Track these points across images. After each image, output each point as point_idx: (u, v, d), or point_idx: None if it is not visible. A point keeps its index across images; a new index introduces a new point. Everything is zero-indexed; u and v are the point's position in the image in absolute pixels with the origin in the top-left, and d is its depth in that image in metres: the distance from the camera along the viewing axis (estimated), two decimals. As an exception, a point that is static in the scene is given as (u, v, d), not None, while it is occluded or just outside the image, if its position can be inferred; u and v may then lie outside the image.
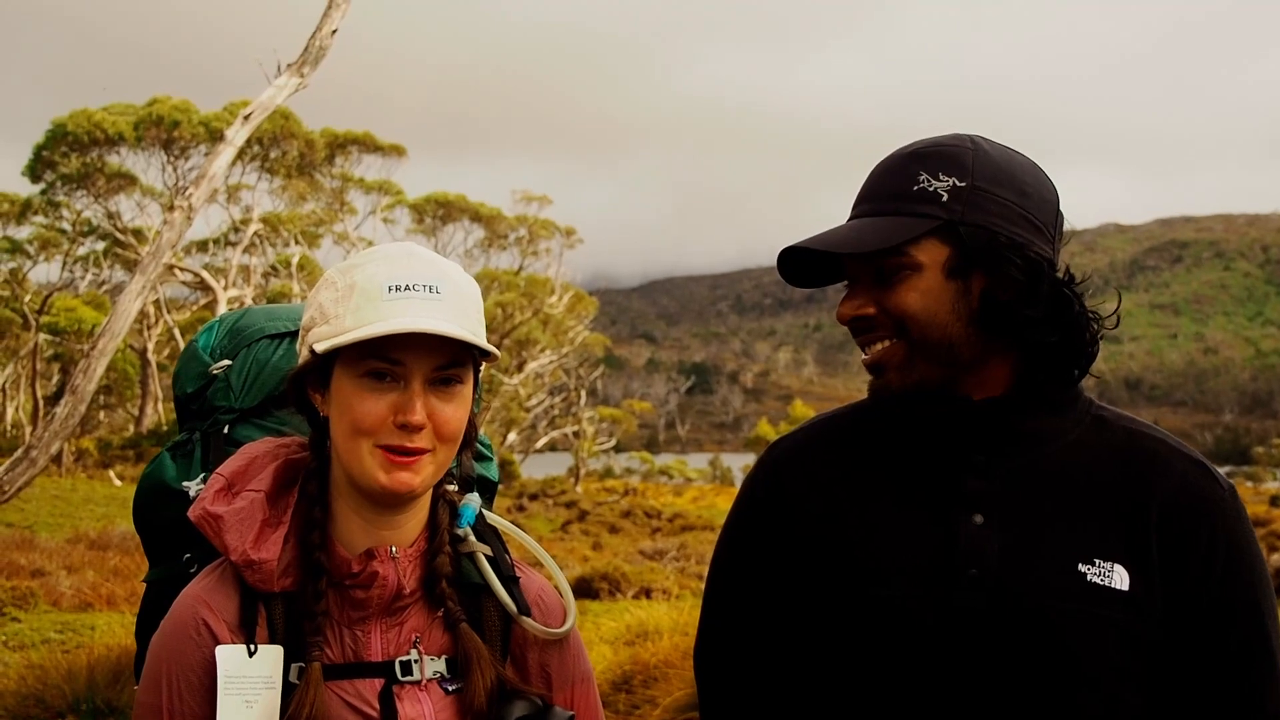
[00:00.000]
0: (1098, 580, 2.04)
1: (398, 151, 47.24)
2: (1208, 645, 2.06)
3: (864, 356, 2.15)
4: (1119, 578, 2.04)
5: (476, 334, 2.05)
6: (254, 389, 2.40)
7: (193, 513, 2.08)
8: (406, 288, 2.02)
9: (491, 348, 2.06)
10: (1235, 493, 2.15)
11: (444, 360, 2.04)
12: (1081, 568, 2.04)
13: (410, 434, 2.02)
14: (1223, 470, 2.17)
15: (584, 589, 17.15)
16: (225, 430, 2.37)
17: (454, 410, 2.07)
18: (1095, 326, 2.14)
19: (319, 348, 2.03)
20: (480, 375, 2.19)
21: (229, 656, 2.01)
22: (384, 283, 2.02)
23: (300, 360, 2.11)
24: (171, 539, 2.32)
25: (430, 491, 2.17)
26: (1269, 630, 2.09)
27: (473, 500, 2.24)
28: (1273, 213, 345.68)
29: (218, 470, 2.14)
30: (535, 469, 67.84)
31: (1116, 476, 2.11)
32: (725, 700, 2.36)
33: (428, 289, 2.03)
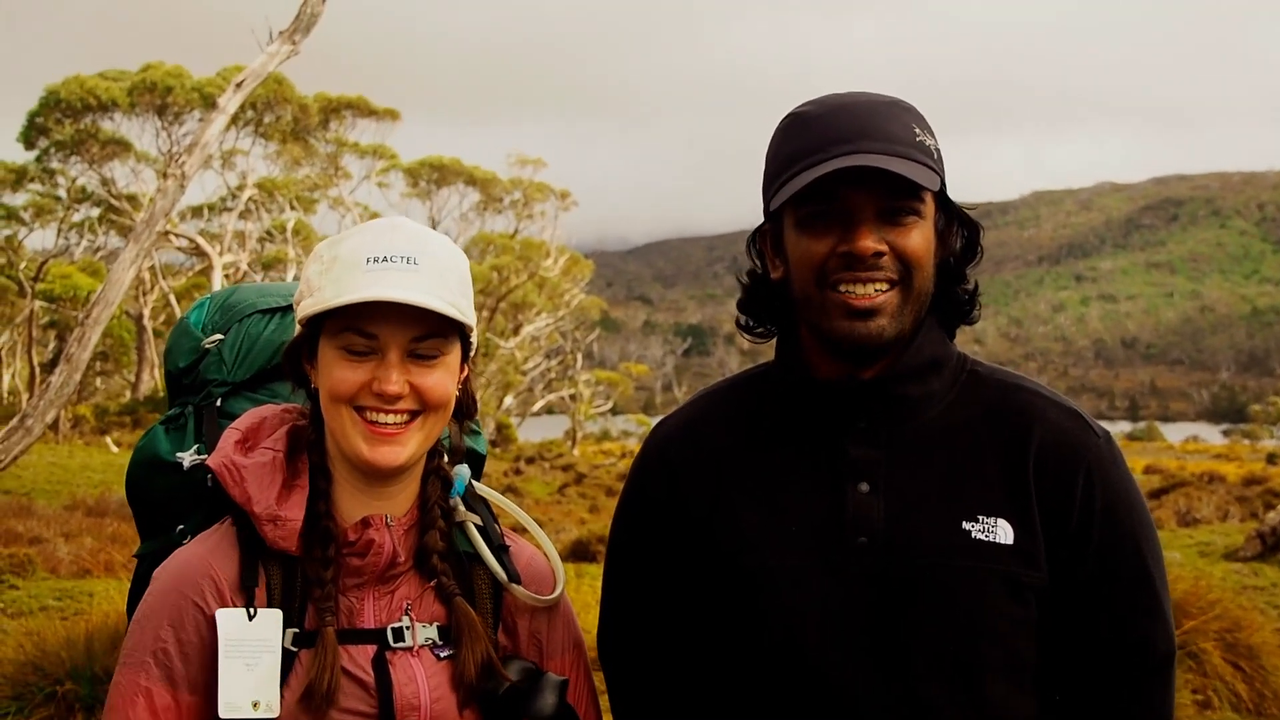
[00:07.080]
0: (982, 536, 2.07)
1: (391, 115, 46.96)
2: (1094, 592, 2.10)
3: (854, 299, 2.05)
4: (1003, 532, 2.07)
5: (452, 303, 2.07)
6: (246, 362, 2.44)
7: (213, 461, 2.12)
8: (384, 259, 2.06)
9: (464, 317, 2.10)
10: (1110, 439, 2.18)
11: (421, 331, 2.07)
12: (966, 525, 2.07)
13: (388, 403, 2.06)
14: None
15: (581, 552, 17.14)
16: (218, 403, 2.41)
17: (437, 379, 2.10)
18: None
19: (299, 315, 2.11)
20: (474, 342, 2.22)
21: (229, 620, 2.03)
22: (364, 255, 2.07)
23: (295, 334, 2.17)
24: (165, 512, 2.34)
25: (422, 464, 2.20)
26: (1152, 572, 2.12)
27: (463, 471, 2.28)
28: (1269, 170, 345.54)
29: (231, 426, 2.19)
30: (532, 432, 68.06)
31: (994, 433, 2.14)
32: (634, 687, 2.36)
33: (405, 260, 2.06)
